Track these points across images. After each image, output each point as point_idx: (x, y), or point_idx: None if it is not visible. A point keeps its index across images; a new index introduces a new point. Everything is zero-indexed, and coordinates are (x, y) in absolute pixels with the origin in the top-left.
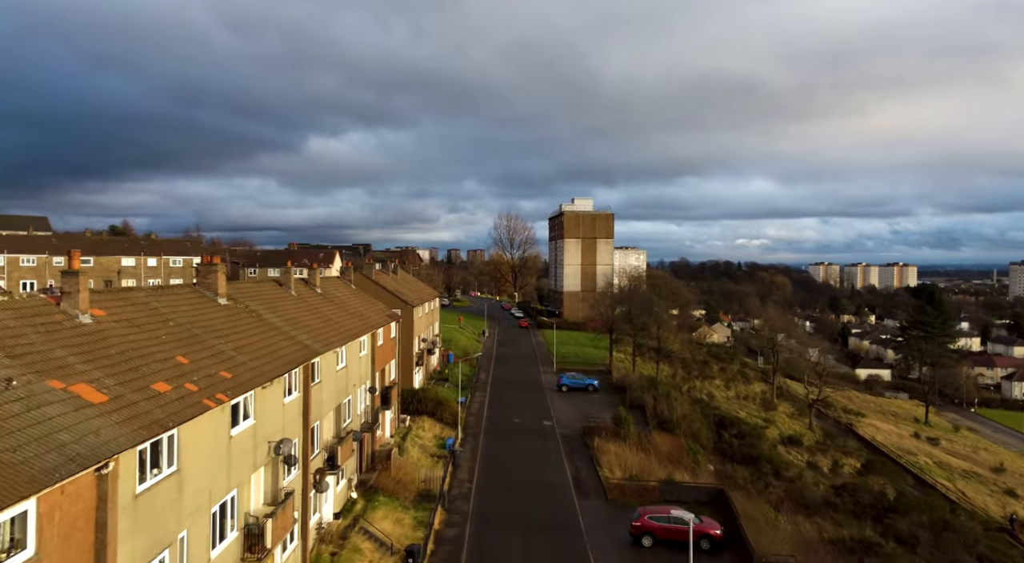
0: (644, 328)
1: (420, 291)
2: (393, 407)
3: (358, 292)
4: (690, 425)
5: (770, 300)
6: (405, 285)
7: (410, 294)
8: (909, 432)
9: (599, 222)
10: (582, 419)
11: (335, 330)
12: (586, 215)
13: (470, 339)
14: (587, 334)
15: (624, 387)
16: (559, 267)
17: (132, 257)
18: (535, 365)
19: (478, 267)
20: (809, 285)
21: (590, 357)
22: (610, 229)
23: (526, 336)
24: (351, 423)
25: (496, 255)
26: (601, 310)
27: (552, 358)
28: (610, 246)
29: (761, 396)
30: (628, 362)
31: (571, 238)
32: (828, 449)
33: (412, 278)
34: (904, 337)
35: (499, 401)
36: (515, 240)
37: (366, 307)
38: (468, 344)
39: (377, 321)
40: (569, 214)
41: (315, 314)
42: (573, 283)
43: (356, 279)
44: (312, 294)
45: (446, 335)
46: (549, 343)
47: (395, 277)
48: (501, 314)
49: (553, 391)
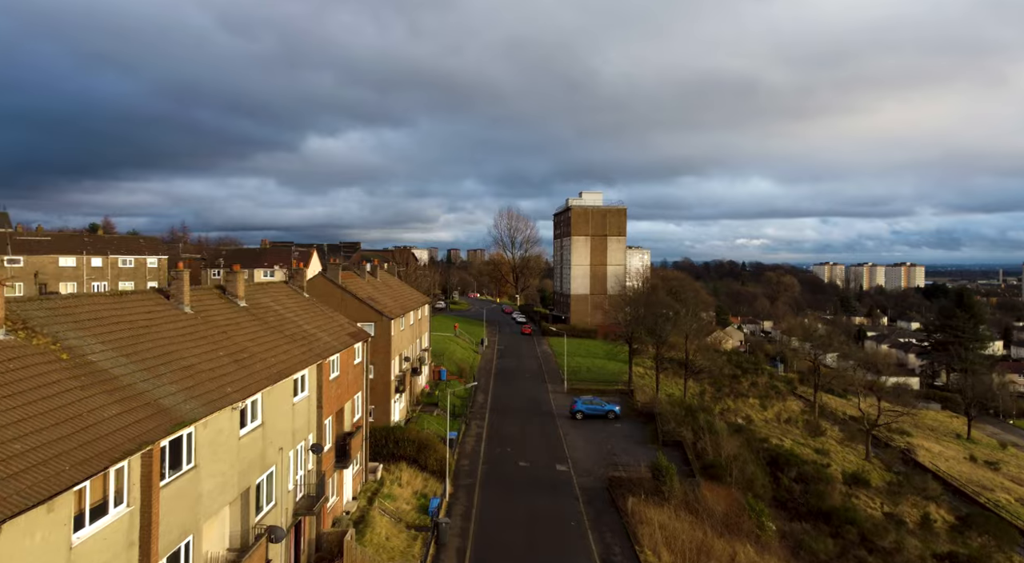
0: (666, 338)
1: (404, 298)
2: (357, 459)
3: (312, 303)
4: (742, 469)
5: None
6: (385, 291)
7: (389, 303)
8: (962, 453)
9: (610, 218)
10: (605, 461)
11: (246, 370)
12: (595, 210)
13: (467, 350)
14: (598, 343)
15: (651, 414)
16: (565, 268)
17: (72, 256)
18: (542, 382)
19: (477, 267)
20: (816, 285)
21: (605, 372)
22: (622, 225)
23: (530, 345)
24: (273, 509)
25: (496, 255)
26: (618, 317)
27: (561, 374)
28: (622, 244)
29: (802, 418)
30: (649, 378)
31: (579, 235)
32: (903, 491)
33: (397, 282)
34: (930, 341)
35: (500, 434)
36: (516, 239)
37: (318, 325)
38: (464, 357)
39: (330, 345)
40: (577, 209)
41: (215, 344)
42: (581, 285)
43: (317, 285)
44: (227, 310)
45: (439, 346)
46: (557, 354)
47: (373, 281)
48: (502, 319)
49: (565, 418)
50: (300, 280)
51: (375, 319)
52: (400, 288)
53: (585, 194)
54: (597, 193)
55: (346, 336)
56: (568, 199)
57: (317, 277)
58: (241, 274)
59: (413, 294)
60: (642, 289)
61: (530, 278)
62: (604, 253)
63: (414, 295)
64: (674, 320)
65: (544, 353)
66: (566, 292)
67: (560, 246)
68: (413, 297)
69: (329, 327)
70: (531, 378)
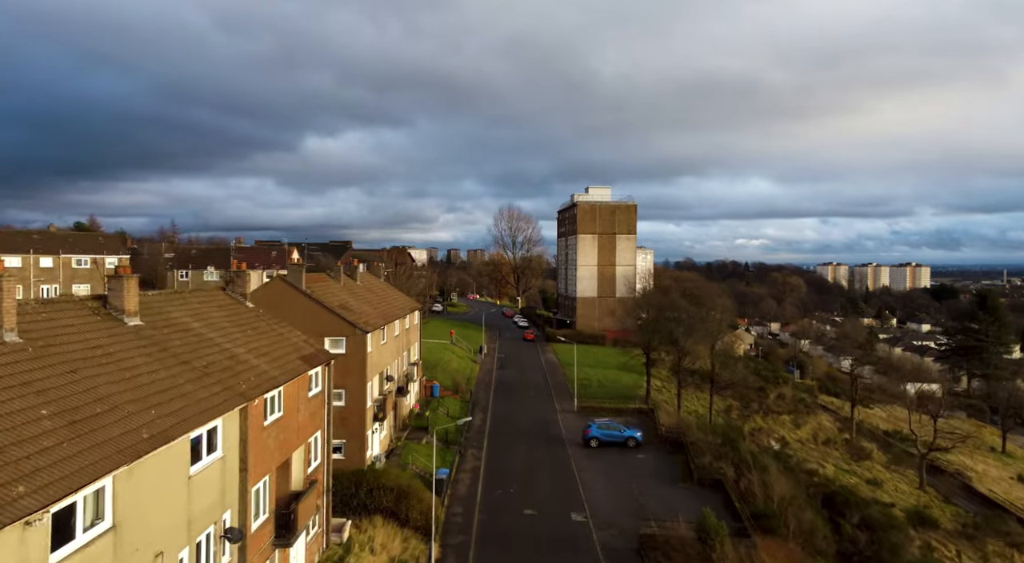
0: (688, 348)
1: (388, 305)
2: (313, 523)
3: (255, 317)
4: (798, 516)
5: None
6: (366, 297)
7: (367, 312)
8: (1007, 472)
9: (619, 215)
10: (631, 508)
11: (88, 438)
12: (604, 207)
13: (463, 359)
14: (608, 350)
15: (678, 441)
16: (571, 268)
17: (17, 256)
18: (548, 399)
19: (477, 268)
20: (821, 286)
21: (619, 386)
22: (632, 223)
23: (533, 353)
24: None
25: (496, 255)
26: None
27: (570, 388)
28: (632, 243)
29: (840, 438)
30: (668, 393)
31: (586, 234)
32: (981, 534)
33: (383, 285)
34: (950, 345)
35: (501, 468)
36: (517, 238)
37: (256, 347)
38: (461, 367)
39: (269, 376)
40: (583, 205)
41: (41, 398)
42: (588, 287)
43: (274, 292)
44: (97, 333)
45: (433, 356)
46: (564, 364)
47: (351, 285)
48: (502, 323)
49: (578, 446)
50: (241, 286)
51: (347, 333)
52: (386, 293)
53: (592, 189)
54: (605, 188)
55: (297, 360)
56: (574, 195)
57: (274, 282)
58: (133, 279)
59: (400, 300)
60: (655, 291)
61: (532, 279)
62: (612, 253)
63: (401, 301)
64: (697, 327)
65: (549, 363)
66: (571, 295)
67: (565, 245)
68: (399, 303)
69: (274, 349)
70: (536, 393)
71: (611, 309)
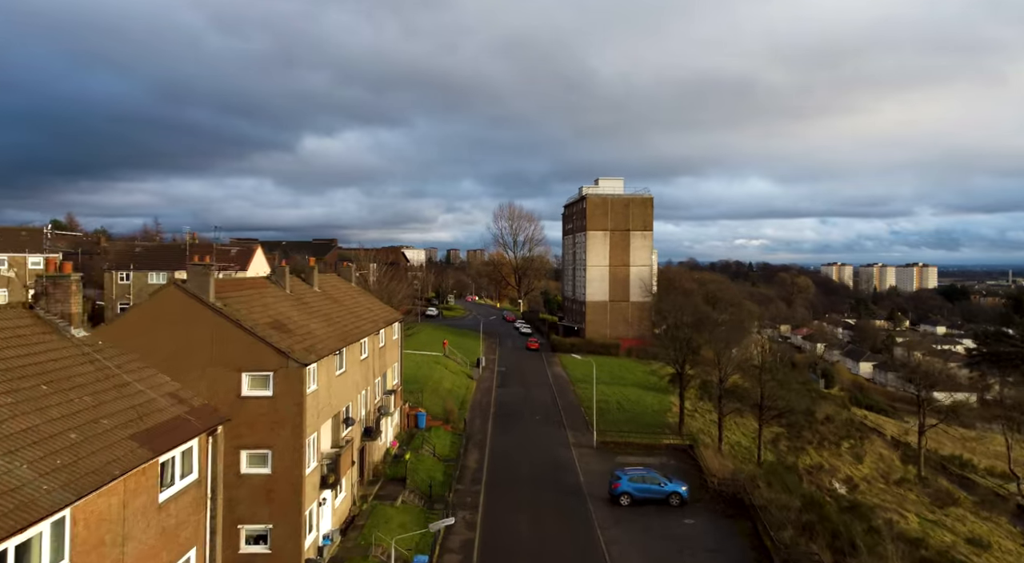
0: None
1: (352, 319)
2: None
3: (80, 360)
4: None
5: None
6: (319, 309)
7: (315, 332)
8: None
9: (633, 209)
10: None
11: None
12: (616, 200)
13: (458, 376)
14: (624, 362)
15: (736, 498)
16: (579, 269)
17: None
18: (559, 428)
19: (476, 268)
20: (827, 287)
21: (644, 411)
22: (648, 218)
23: (538, 365)
24: None
25: (496, 255)
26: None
27: (585, 413)
28: (648, 241)
29: (910, 473)
30: (702, 419)
31: (596, 230)
32: None
33: (353, 291)
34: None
35: (501, 545)
36: (518, 236)
37: (41, 429)
38: (454, 387)
39: (29, 500)
40: (593, 199)
41: None
42: (599, 290)
43: (167, 305)
44: None
45: (422, 373)
46: (574, 380)
47: (302, 292)
48: (503, 329)
49: (603, 503)
50: (63, 302)
51: (275, 365)
52: (354, 302)
53: (603, 181)
54: (616, 180)
55: (128, 446)
56: (582, 187)
57: (164, 292)
58: None
59: (374, 310)
60: (676, 294)
61: (534, 280)
62: (626, 251)
63: (376, 311)
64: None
65: (557, 378)
66: (579, 298)
67: (572, 243)
68: (372, 315)
69: (83, 424)
70: (544, 420)
71: (625, 315)
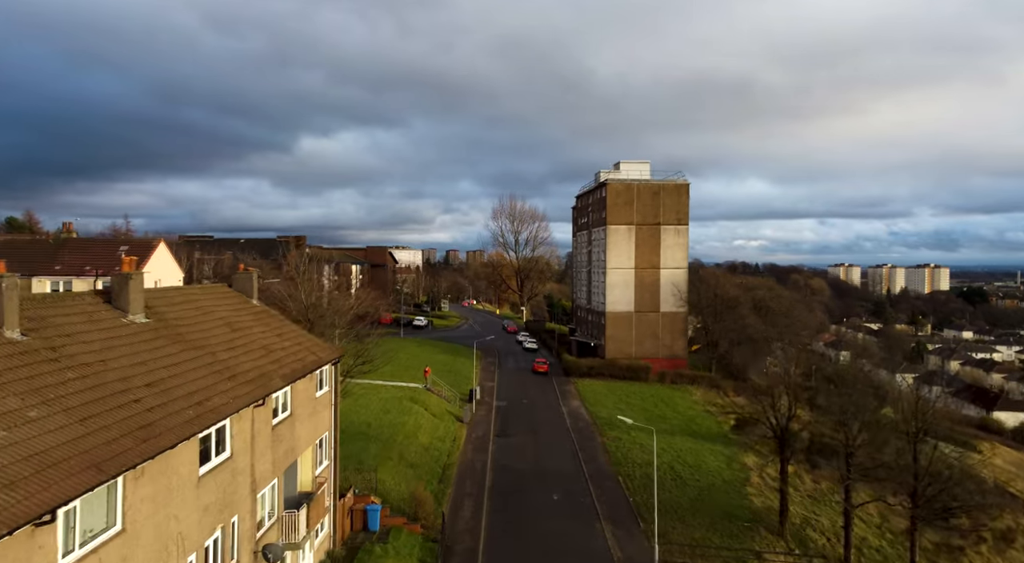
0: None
1: (197, 383)
2: None
3: None
4: None
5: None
6: (95, 371)
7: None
8: None
9: (665, 198)
10: None
11: None
12: (644, 187)
13: (441, 421)
14: (655, 389)
15: None
16: (596, 272)
17: None
18: (591, 520)
19: (474, 270)
20: (839, 289)
21: (713, 484)
22: (683, 210)
23: (549, 397)
24: None
25: (495, 255)
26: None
27: (626, 490)
28: (683, 238)
29: None
30: (801, 502)
31: (619, 224)
32: None
33: (248, 312)
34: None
35: None
36: (520, 235)
37: None
38: (433, 442)
39: None
40: (615, 186)
41: None
42: (621, 298)
43: None
44: None
45: (388, 422)
46: (599, 423)
47: (74, 331)
48: (503, 342)
49: None
50: None
51: None
52: (230, 339)
53: (625, 164)
54: (642, 163)
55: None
56: (599, 173)
57: None
58: None
59: (271, 355)
60: (719, 303)
61: (537, 284)
62: (656, 250)
63: (275, 357)
64: None
65: (577, 418)
66: (596, 308)
67: (588, 241)
68: (258, 367)
69: None
70: (566, 503)
71: (654, 329)
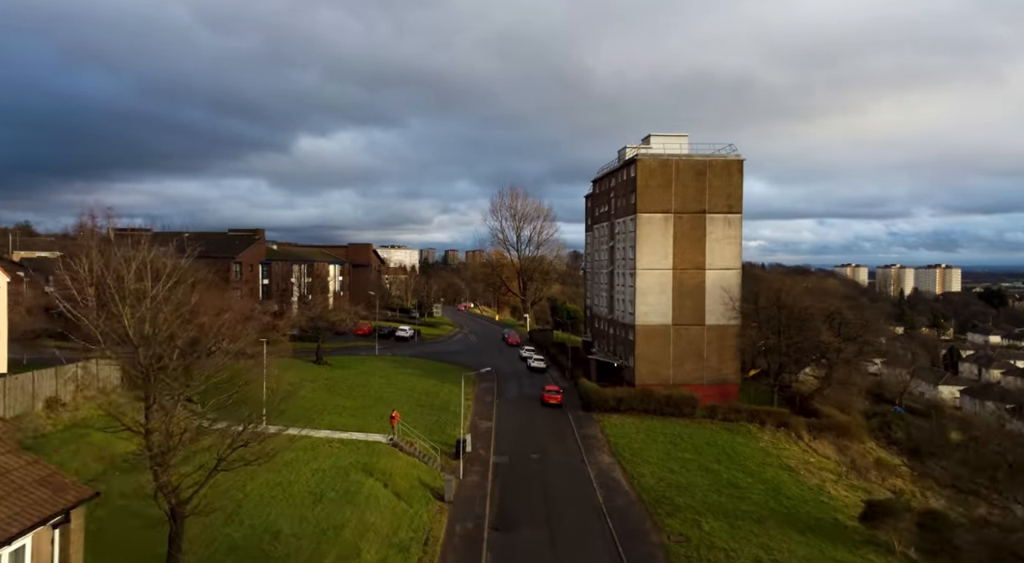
0: None
1: None
2: None
3: None
4: None
5: None
6: None
7: None
8: None
9: (713, 177)
10: None
11: None
12: (686, 163)
13: (410, 504)
14: (704, 429)
15: None
16: (621, 274)
17: None
18: None
19: (472, 271)
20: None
21: None
22: (735, 193)
23: (568, 446)
24: None
25: (495, 254)
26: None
27: None
28: (736, 230)
29: None
30: None
31: (652, 212)
32: None
33: None
34: None
35: None
36: (523, 230)
37: None
38: (386, 558)
39: None
40: (648, 162)
41: None
42: (656, 308)
43: None
44: None
45: (318, 522)
46: (646, 494)
47: None
48: (504, 359)
49: None
50: None
51: None
52: None
53: (657, 137)
54: (680, 135)
55: None
56: (626, 148)
57: None
58: None
59: None
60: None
61: (542, 286)
62: (701, 245)
63: None
64: None
65: (610, 486)
66: (622, 319)
67: (609, 234)
68: None
69: None
70: None
71: (697, 346)
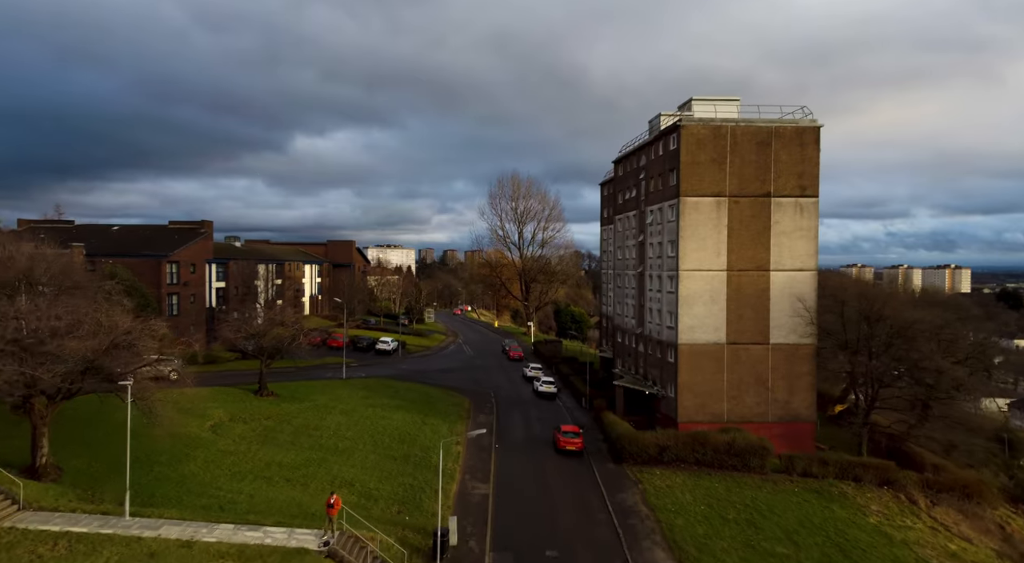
0: None
1: None
2: None
3: None
4: None
5: None
6: None
7: None
8: None
9: (780, 149)
10: None
11: None
12: (745, 131)
13: None
14: (780, 492)
15: None
16: (656, 277)
17: None
18: None
19: (470, 272)
20: None
21: None
22: (811, 170)
23: (602, 531)
24: None
25: (495, 253)
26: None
27: None
28: (812, 220)
29: None
30: None
31: (699, 196)
32: None
33: None
34: None
35: None
36: (526, 225)
37: None
38: None
39: None
40: (695, 129)
41: None
42: (703, 321)
43: None
44: None
45: None
46: None
47: None
48: (505, 376)
49: None
50: None
51: None
52: None
53: (700, 104)
54: (730, 99)
55: None
56: (660, 116)
57: None
58: None
59: None
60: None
61: (548, 289)
62: (764, 239)
63: None
64: None
65: None
66: (657, 335)
67: (638, 227)
68: None
69: None
70: None
71: (758, 372)
